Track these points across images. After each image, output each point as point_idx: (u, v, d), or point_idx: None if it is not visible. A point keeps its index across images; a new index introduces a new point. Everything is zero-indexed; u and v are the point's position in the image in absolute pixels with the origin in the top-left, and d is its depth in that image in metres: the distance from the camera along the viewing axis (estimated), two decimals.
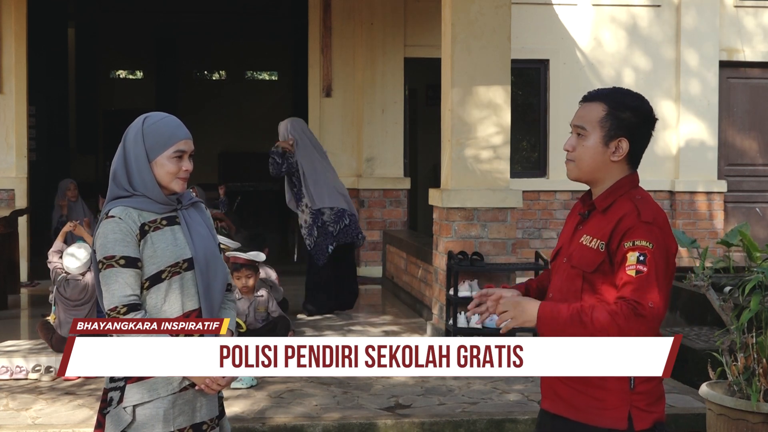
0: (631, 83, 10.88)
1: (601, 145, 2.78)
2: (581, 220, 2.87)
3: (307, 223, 8.14)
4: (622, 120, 2.77)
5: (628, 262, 2.65)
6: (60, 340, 6.59)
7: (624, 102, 2.80)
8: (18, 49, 10.15)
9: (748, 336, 4.86)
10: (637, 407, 2.70)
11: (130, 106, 15.66)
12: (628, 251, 2.66)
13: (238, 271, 6.64)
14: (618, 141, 2.78)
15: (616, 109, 2.78)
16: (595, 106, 2.81)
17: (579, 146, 2.82)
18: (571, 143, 2.84)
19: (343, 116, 10.80)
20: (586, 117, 2.81)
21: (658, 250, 2.66)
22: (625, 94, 2.85)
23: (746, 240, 5.14)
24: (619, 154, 2.78)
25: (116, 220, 2.93)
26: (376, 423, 5.42)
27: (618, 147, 2.78)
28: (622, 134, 2.77)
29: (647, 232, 2.67)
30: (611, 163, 2.79)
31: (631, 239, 2.67)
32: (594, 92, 2.87)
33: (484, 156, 7.01)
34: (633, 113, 2.78)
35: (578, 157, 2.82)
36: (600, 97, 2.82)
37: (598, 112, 2.79)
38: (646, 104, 2.83)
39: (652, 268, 2.63)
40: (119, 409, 2.93)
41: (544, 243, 10.67)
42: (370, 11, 10.61)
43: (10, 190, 10.16)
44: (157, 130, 3.00)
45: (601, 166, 2.80)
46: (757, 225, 11.04)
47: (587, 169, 2.82)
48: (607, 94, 2.84)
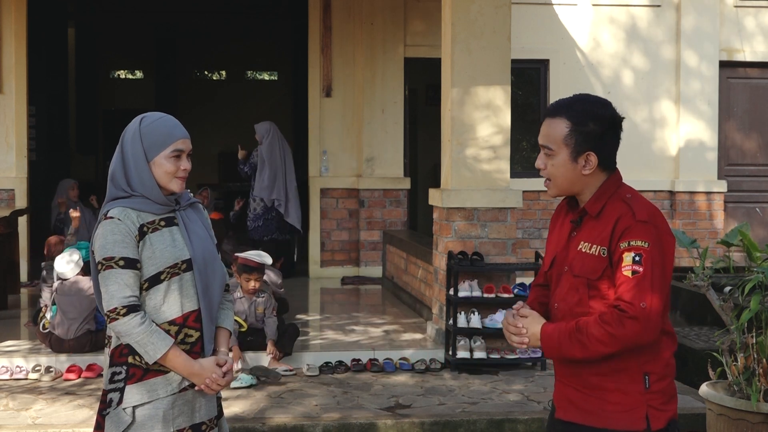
0: (631, 83, 10.89)
1: (570, 162, 2.78)
2: (574, 227, 2.87)
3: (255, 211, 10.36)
4: (586, 134, 2.76)
5: (624, 263, 2.66)
6: (58, 341, 6.59)
7: (585, 113, 2.77)
8: (18, 49, 10.15)
9: (748, 336, 4.86)
10: (653, 407, 2.71)
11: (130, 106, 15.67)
12: (624, 251, 2.67)
13: (248, 274, 6.64)
14: (586, 155, 2.77)
15: (578, 123, 2.76)
16: (557, 123, 2.79)
17: (549, 165, 2.82)
18: (542, 162, 2.84)
19: (343, 116, 10.80)
20: (551, 135, 2.80)
21: (655, 248, 2.67)
22: (586, 102, 2.81)
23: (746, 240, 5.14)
24: (590, 167, 2.78)
25: (115, 222, 2.93)
26: (376, 423, 5.42)
27: (587, 161, 2.77)
28: (589, 148, 2.76)
29: (643, 231, 2.67)
30: (585, 176, 2.79)
31: (627, 239, 2.67)
32: (555, 105, 2.84)
33: (484, 156, 7.01)
34: (596, 123, 2.76)
35: (551, 175, 2.83)
36: (561, 112, 2.79)
37: (561, 129, 2.78)
38: (609, 109, 2.80)
39: (648, 267, 2.64)
40: (119, 410, 2.93)
41: (544, 243, 10.65)
42: (370, 11, 10.61)
43: (10, 190, 10.17)
44: (154, 130, 3.00)
45: (576, 181, 2.80)
46: (757, 225, 11.04)
47: (564, 185, 2.83)
48: (568, 106, 2.80)
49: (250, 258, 6.65)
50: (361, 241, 10.73)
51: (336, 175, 10.79)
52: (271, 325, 6.67)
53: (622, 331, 2.61)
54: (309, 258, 10.85)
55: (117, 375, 2.96)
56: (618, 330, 2.61)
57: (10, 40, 10.12)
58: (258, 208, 10.31)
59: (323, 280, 10.56)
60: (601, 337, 2.63)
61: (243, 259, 6.67)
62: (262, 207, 10.29)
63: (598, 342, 2.64)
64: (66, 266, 6.68)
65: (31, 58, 10.46)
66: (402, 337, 7.39)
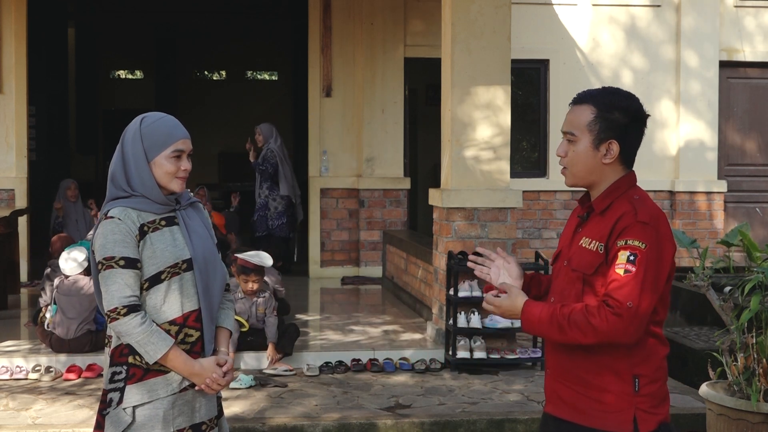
0: (631, 83, 10.88)
1: (591, 149, 2.78)
2: (580, 223, 2.87)
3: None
4: (611, 121, 2.76)
5: (618, 261, 2.65)
6: (58, 341, 6.59)
7: (612, 103, 2.78)
8: (18, 49, 10.15)
9: (748, 336, 4.86)
10: (641, 409, 2.70)
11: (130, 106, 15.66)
12: (620, 250, 2.66)
13: (247, 275, 6.63)
14: (608, 143, 2.77)
15: (604, 110, 2.76)
16: (583, 109, 2.80)
17: (570, 152, 2.82)
18: (563, 149, 2.84)
19: (343, 116, 10.79)
20: (575, 122, 2.80)
21: (651, 251, 2.65)
22: (613, 93, 2.82)
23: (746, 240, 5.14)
24: (611, 156, 2.77)
25: (116, 221, 2.93)
26: (376, 423, 5.42)
27: (609, 149, 2.77)
28: (612, 136, 2.76)
29: (642, 232, 2.66)
30: (604, 166, 2.79)
31: (624, 238, 2.67)
32: (582, 94, 2.85)
33: (484, 156, 7.01)
34: (621, 113, 2.77)
35: (571, 163, 2.82)
36: (588, 99, 2.81)
37: (587, 115, 2.78)
38: (635, 103, 2.81)
39: (641, 268, 2.62)
40: (119, 410, 2.93)
41: (544, 243, 10.67)
42: (370, 11, 10.60)
43: (10, 190, 10.17)
44: (154, 131, 3.00)
45: (595, 170, 2.80)
46: (757, 225, 11.04)
47: (581, 174, 2.82)
48: (595, 95, 2.81)
49: (249, 259, 6.64)
50: (361, 241, 10.73)
51: (336, 175, 10.78)
52: (272, 325, 6.66)
53: (603, 324, 2.60)
54: (309, 258, 10.85)
55: (117, 375, 2.96)
56: (599, 323, 2.61)
57: (10, 40, 10.12)
58: (280, 206, 10.60)
59: (323, 280, 10.56)
60: (581, 324, 2.62)
61: (242, 260, 6.66)
62: (283, 205, 10.63)
63: (577, 329, 2.63)
64: (68, 263, 6.66)
65: (31, 58, 10.46)
66: (402, 337, 7.39)
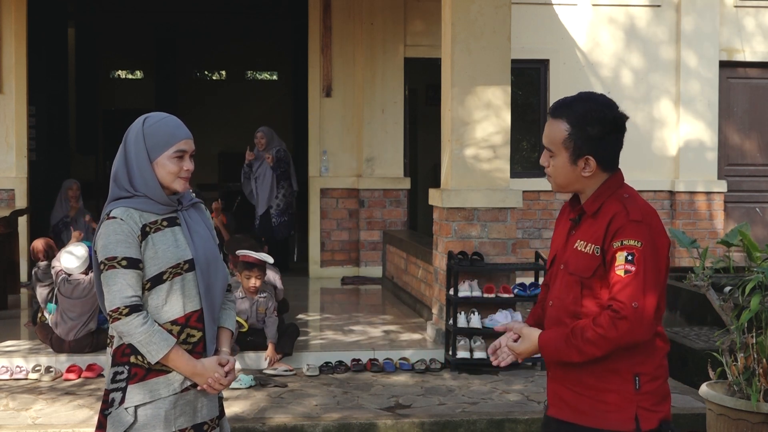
0: (631, 83, 10.89)
1: (569, 165, 2.80)
2: (573, 226, 2.88)
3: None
4: (585, 138, 2.75)
5: (617, 262, 2.67)
6: (59, 341, 6.59)
7: (585, 115, 2.75)
8: (18, 49, 10.15)
9: (748, 336, 4.86)
10: (643, 408, 2.72)
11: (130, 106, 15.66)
12: (617, 251, 2.68)
13: (249, 270, 6.62)
14: (585, 159, 2.77)
15: (577, 126, 2.75)
16: (558, 125, 2.78)
17: (550, 165, 2.84)
18: (545, 160, 2.86)
19: (343, 116, 10.80)
20: (551, 137, 2.81)
21: (647, 248, 2.67)
22: (588, 102, 2.78)
23: (746, 240, 5.14)
24: (589, 170, 2.78)
25: (118, 221, 2.93)
26: (376, 423, 5.42)
27: (586, 164, 2.78)
28: (587, 152, 2.76)
29: (636, 230, 2.68)
30: (585, 177, 2.80)
31: (619, 239, 2.69)
32: (558, 105, 2.82)
33: (484, 156, 7.01)
34: (596, 126, 2.75)
35: (553, 174, 2.86)
36: (562, 113, 2.78)
37: (561, 132, 2.77)
38: (611, 111, 2.78)
39: (640, 267, 2.65)
40: (121, 410, 2.93)
41: (544, 243, 10.67)
42: (370, 11, 10.60)
43: (10, 190, 10.17)
44: (157, 131, 3.00)
45: (577, 181, 2.82)
46: (757, 225, 11.04)
47: (564, 184, 2.85)
48: (570, 106, 2.79)
49: (250, 254, 6.64)
50: (361, 241, 10.73)
51: (336, 175, 10.79)
52: (272, 325, 6.66)
53: (614, 333, 2.64)
54: (309, 258, 10.85)
55: (119, 375, 2.96)
56: (610, 332, 2.64)
57: (10, 40, 10.12)
58: (282, 204, 10.81)
59: (323, 280, 10.56)
60: (593, 339, 2.66)
61: (244, 255, 6.66)
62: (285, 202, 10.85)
63: (591, 344, 2.67)
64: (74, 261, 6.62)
65: (31, 58, 10.45)
66: (402, 337, 7.39)
